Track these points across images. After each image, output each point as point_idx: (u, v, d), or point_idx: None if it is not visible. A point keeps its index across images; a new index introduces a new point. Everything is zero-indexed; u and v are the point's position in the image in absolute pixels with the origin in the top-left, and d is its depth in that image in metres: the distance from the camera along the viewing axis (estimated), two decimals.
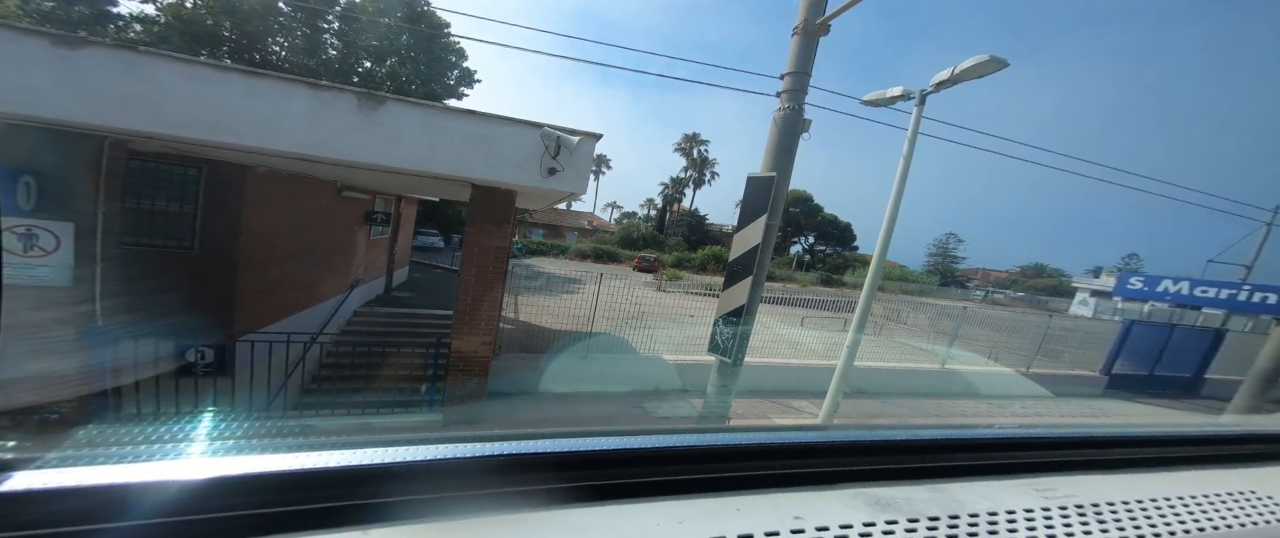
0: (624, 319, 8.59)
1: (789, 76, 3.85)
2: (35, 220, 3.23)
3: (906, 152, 4.91)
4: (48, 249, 3.29)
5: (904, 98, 4.98)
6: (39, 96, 2.93)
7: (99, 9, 14.66)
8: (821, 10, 3.71)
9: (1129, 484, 0.80)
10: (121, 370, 3.78)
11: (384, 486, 0.53)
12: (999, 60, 4.17)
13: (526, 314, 9.32)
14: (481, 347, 4.71)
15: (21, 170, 3.18)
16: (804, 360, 8.58)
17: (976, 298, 42.77)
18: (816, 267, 45.94)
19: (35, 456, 0.47)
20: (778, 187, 3.84)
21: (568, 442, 0.62)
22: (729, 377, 4.24)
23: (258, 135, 3.37)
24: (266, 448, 0.54)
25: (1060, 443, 0.90)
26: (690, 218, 49.18)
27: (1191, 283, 13.99)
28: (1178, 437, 1.00)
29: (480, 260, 4.55)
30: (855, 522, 0.60)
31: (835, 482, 0.69)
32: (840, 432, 0.81)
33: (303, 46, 18.16)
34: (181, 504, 0.46)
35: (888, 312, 16.57)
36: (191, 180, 4.90)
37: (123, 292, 3.79)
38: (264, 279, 5.87)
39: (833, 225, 49.90)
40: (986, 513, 0.65)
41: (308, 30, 18.17)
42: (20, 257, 3.20)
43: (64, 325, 3.39)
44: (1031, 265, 66.98)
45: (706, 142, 51.81)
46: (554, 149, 3.96)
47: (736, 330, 3.99)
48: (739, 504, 0.61)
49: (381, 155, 3.67)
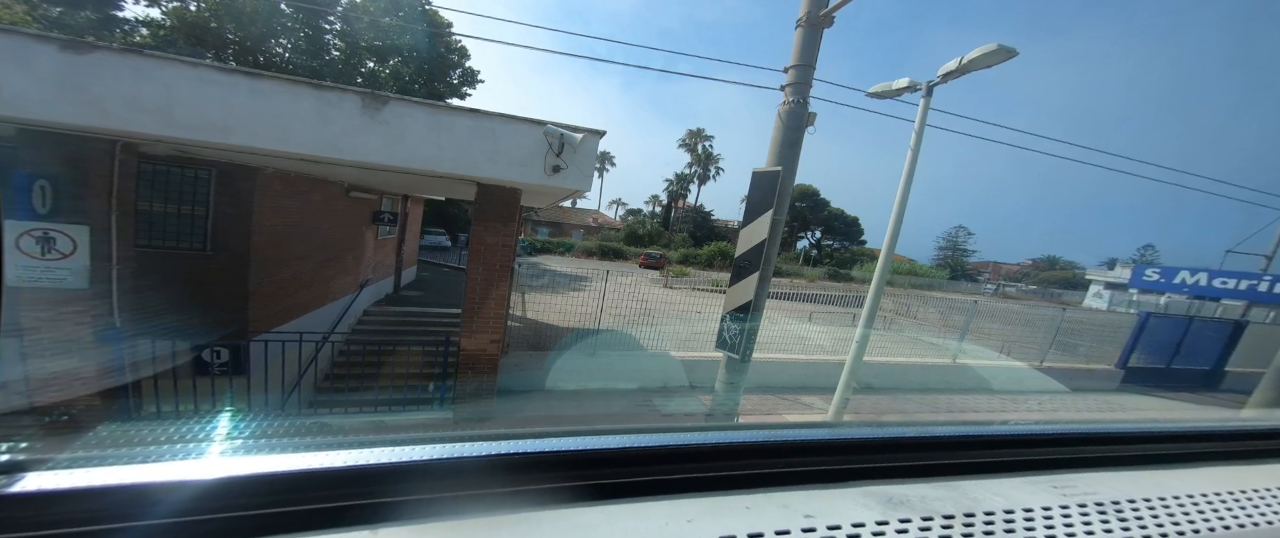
0: (631, 316, 8.60)
1: (793, 70, 3.80)
2: (51, 224, 3.29)
3: (914, 144, 4.84)
4: (65, 252, 3.36)
5: (911, 89, 4.91)
6: (49, 102, 2.97)
7: (105, 14, 14.86)
8: (825, 2, 3.66)
9: (1149, 481, 0.78)
10: (138, 370, 3.86)
11: (393, 485, 0.53)
12: (1007, 49, 4.09)
13: (534, 312, 9.36)
14: (489, 345, 4.74)
15: (37, 175, 3.25)
16: (812, 356, 8.53)
17: (988, 292, 42.26)
18: (824, 262, 45.64)
19: (50, 456, 0.47)
20: (783, 181, 3.81)
21: (575, 440, 0.61)
22: (737, 373, 4.23)
23: (266, 137, 3.40)
24: (277, 448, 0.54)
25: (1077, 439, 0.88)
26: (696, 214, 49.03)
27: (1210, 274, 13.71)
28: (1198, 432, 0.97)
29: (487, 259, 4.57)
30: (868, 520, 0.59)
31: (846, 480, 0.68)
32: (851, 429, 0.80)
33: (306, 48, 18.29)
34: (194, 504, 0.47)
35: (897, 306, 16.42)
36: (202, 182, 4.97)
37: (138, 293, 3.86)
38: (276, 279, 5.95)
39: (840, 220, 49.49)
40: (1002, 511, 0.64)
41: (310, 31, 18.28)
42: (38, 260, 3.27)
43: (81, 326, 3.46)
44: (1044, 258, 66.00)
45: (711, 137, 51.60)
46: (558, 147, 3.96)
47: (744, 326, 3.98)
48: (748, 503, 0.60)
49: (387, 155, 3.69)
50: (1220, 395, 9.97)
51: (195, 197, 4.94)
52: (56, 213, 3.31)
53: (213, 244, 5.08)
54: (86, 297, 3.46)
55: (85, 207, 3.43)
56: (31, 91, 2.92)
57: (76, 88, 2.99)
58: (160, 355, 3.99)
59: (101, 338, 3.58)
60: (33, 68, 2.91)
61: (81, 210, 3.40)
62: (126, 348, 3.74)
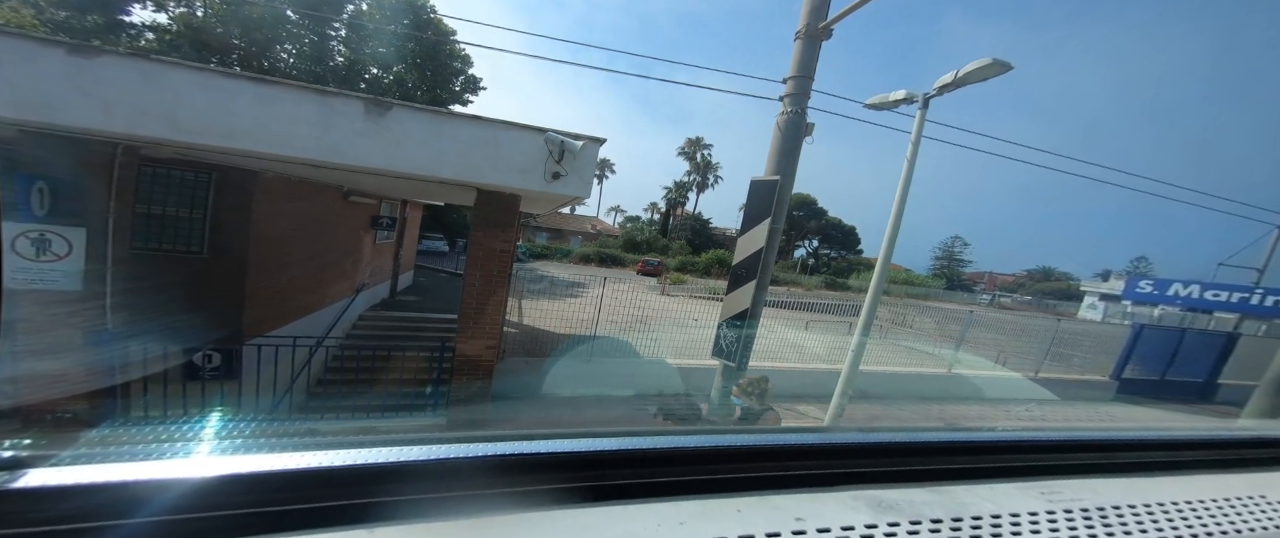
0: (628, 323, 8.59)
1: (791, 81, 3.86)
2: (48, 226, 3.29)
3: (910, 155, 4.89)
4: (61, 254, 3.34)
5: (907, 101, 4.98)
6: (55, 105, 2.99)
7: (112, 18, 14.94)
8: (824, 15, 3.72)
9: (1136, 488, 0.79)
10: (131, 372, 3.82)
11: (390, 485, 0.54)
12: (1002, 63, 4.16)
13: (531, 318, 9.34)
14: (486, 350, 4.73)
15: (36, 177, 3.25)
16: (809, 365, 8.53)
17: (983, 302, 42.40)
18: (821, 270, 45.73)
19: (50, 453, 0.48)
20: (781, 190, 3.84)
21: (570, 443, 0.62)
22: (733, 381, 4.23)
23: (269, 141, 3.42)
24: (275, 447, 0.55)
25: (1066, 446, 0.89)
26: (694, 221, 49.18)
27: (1202, 286, 13.83)
28: (1186, 440, 0.99)
29: (485, 264, 4.58)
30: (857, 524, 0.60)
31: (837, 484, 0.69)
32: (842, 434, 0.81)
33: (310, 54, 18.41)
34: (192, 501, 0.47)
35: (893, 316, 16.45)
36: (201, 186, 4.97)
37: (133, 295, 3.84)
38: (271, 283, 5.93)
39: (837, 229, 49.72)
40: (990, 516, 0.65)
41: (315, 37, 18.43)
42: (34, 261, 3.26)
43: (76, 328, 3.44)
44: (1039, 269, 66.34)
45: (710, 145, 52.01)
46: (558, 154, 3.99)
47: (740, 334, 3.99)
48: (740, 505, 0.61)
49: (388, 160, 3.71)
50: (1213, 407, 10.00)
51: (194, 199, 4.94)
52: (54, 214, 3.30)
53: (210, 247, 5.07)
54: (80, 299, 3.45)
55: (83, 209, 3.42)
56: (39, 95, 2.94)
57: (83, 91, 3.01)
58: (152, 359, 3.96)
59: (96, 339, 3.55)
60: (40, 71, 2.93)
61: (80, 212, 3.40)
62: (120, 350, 3.71)
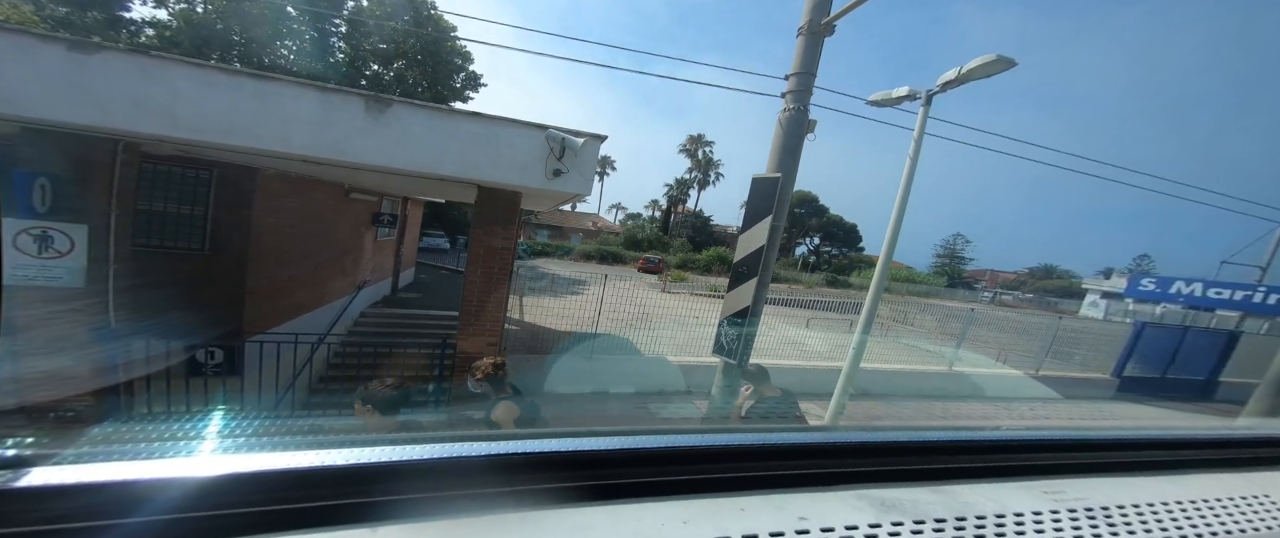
0: (628, 321, 8.59)
1: (794, 77, 3.84)
2: (50, 223, 3.29)
3: (913, 152, 4.87)
4: (62, 251, 3.35)
5: (910, 98, 4.96)
6: (55, 102, 2.98)
7: (112, 14, 14.92)
8: (826, 10, 3.70)
9: (1140, 488, 0.79)
10: (133, 370, 3.84)
11: (391, 484, 0.54)
12: (1006, 60, 4.14)
13: (531, 315, 9.34)
14: (486, 348, 4.73)
15: (37, 173, 3.25)
16: (810, 362, 8.53)
17: (984, 299, 42.31)
18: (822, 268, 45.71)
19: (53, 452, 0.48)
20: (783, 188, 3.83)
21: (572, 441, 0.62)
22: (734, 379, 4.23)
23: (270, 138, 3.41)
24: (277, 446, 0.55)
25: (1069, 445, 0.89)
26: (695, 219, 49.14)
27: (1205, 284, 13.78)
28: (1190, 440, 0.99)
29: (485, 262, 4.58)
30: (860, 523, 0.60)
31: (840, 483, 0.68)
32: (845, 433, 0.81)
33: (310, 50, 18.39)
34: (195, 500, 0.47)
35: (894, 313, 16.43)
36: (202, 183, 4.97)
37: (135, 292, 3.85)
38: (273, 280, 5.94)
39: (838, 226, 49.63)
40: (994, 516, 0.65)
41: (315, 34, 18.39)
42: (36, 258, 3.27)
43: (78, 325, 3.45)
44: (1040, 267, 66.19)
45: (711, 143, 51.84)
46: (559, 151, 3.98)
47: (741, 332, 3.99)
48: (743, 505, 0.61)
49: (389, 157, 3.70)
50: (1214, 405, 9.99)
51: (195, 196, 4.94)
52: (56, 211, 3.31)
53: (211, 244, 5.07)
54: (82, 296, 3.45)
55: (85, 206, 3.43)
56: (38, 91, 2.93)
57: (82, 88, 3.00)
58: (154, 355, 3.97)
59: (98, 336, 3.56)
60: (40, 68, 2.92)
61: (81, 209, 3.40)
62: (122, 347, 3.73)
